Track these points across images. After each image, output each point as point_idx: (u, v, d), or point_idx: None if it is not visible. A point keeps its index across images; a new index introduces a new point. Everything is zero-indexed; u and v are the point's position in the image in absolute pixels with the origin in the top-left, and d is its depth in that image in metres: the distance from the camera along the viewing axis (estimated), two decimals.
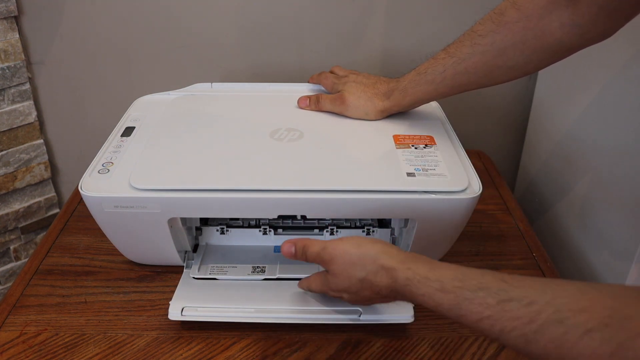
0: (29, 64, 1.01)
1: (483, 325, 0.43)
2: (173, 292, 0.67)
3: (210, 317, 0.64)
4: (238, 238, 0.74)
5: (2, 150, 1.01)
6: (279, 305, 0.64)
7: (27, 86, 1.01)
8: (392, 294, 0.52)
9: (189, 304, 0.64)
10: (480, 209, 0.83)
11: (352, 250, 0.54)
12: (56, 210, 1.13)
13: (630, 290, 0.39)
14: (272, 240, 0.74)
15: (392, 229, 0.73)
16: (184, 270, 0.71)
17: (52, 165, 1.10)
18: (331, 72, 0.84)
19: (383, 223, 0.73)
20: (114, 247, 0.71)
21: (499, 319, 0.42)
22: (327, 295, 0.61)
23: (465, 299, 0.44)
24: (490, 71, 0.66)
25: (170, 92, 0.83)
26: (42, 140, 1.06)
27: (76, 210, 0.84)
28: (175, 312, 0.63)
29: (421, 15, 1.00)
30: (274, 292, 0.66)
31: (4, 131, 1.00)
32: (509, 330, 0.41)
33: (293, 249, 0.59)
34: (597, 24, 0.58)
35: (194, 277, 0.69)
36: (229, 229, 0.73)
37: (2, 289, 1.10)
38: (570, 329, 0.38)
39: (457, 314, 0.45)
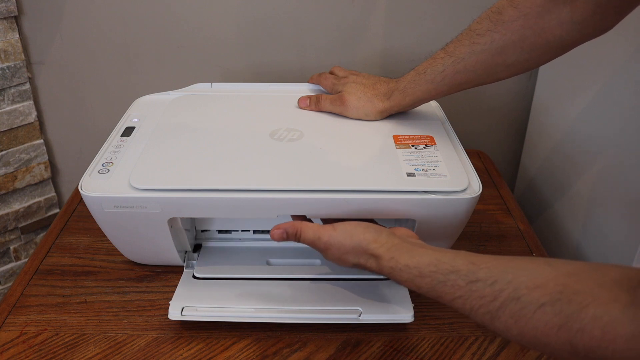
0: (29, 64, 1.01)
1: (456, 304, 0.47)
2: (173, 292, 0.67)
3: (210, 317, 0.64)
4: (238, 240, 0.75)
5: (2, 150, 1.01)
6: (279, 305, 0.64)
7: (27, 86, 1.01)
8: (382, 274, 0.55)
9: (189, 304, 0.64)
10: (480, 209, 0.83)
11: (346, 242, 0.56)
12: (56, 210, 1.13)
13: (585, 266, 0.42)
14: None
15: None
16: (184, 270, 0.71)
17: (52, 165, 1.10)
18: (331, 72, 0.84)
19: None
20: (114, 247, 0.71)
21: (468, 299, 0.46)
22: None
23: (439, 282, 0.49)
24: (490, 69, 0.66)
25: (170, 92, 0.83)
26: (42, 140, 1.06)
27: (76, 210, 0.84)
28: (175, 312, 0.63)
29: (421, 15, 1.00)
30: (274, 292, 0.66)
31: (4, 131, 1.00)
32: (477, 308, 0.45)
33: (285, 235, 0.59)
34: (595, 19, 0.58)
35: (194, 277, 0.69)
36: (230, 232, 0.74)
37: (2, 289, 1.10)
38: (526, 304, 0.42)
39: (434, 295, 0.49)
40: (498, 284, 0.44)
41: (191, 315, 0.63)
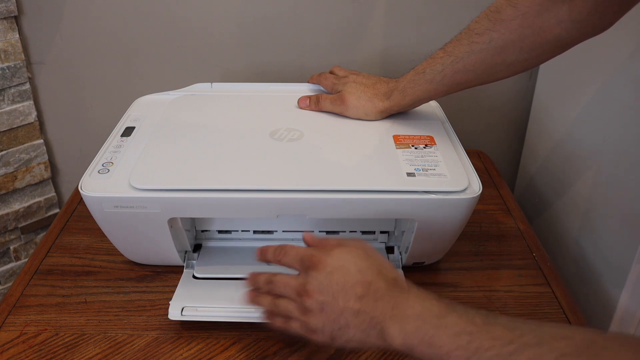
0: (29, 64, 1.01)
1: (460, 340, 0.43)
2: (173, 292, 0.67)
3: (210, 317, 0.64)
4: (238, 240, 0.75)
5: (2, 150, 1.01)
6: None
7: (27, 86, 1.01)
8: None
9: (189, 304, 0.64)
10: (480, 209, 0.83)
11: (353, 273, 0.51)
12: (56, 210, 1.13)
13: (619, 335, 0.40)
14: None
15: (389, 232, 0.74)
16: (184, 270, 0.71)
17: (52, 165, 1.10)
18: (331, 72, 0.84)
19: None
20: (114, 247, 0.71)
21: (478, 337, 0.42)
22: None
23: (454, 310, 0.45)
24: (489, 68, 0.66)
25: (170, 92, 0.83)
26: (42, 140, 1.06)
27: (76, 210, 0.84)
28: (175, 312, 0.63)
29: (421, 15, 1.00)
30: None
31: (4, 131, 1.00)
32: (486, 349, 0.41)
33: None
34: (594, 18, 0.58)
35: (194, 277, 0.69)
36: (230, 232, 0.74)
37: (2, 289, 1.10)
38: (547, 352, 0.39)
39: (438, 323, 0.44)
40: (519, 330, 0.41)
41: (191, 315, 0.63)
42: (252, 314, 0.63)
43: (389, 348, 0.48)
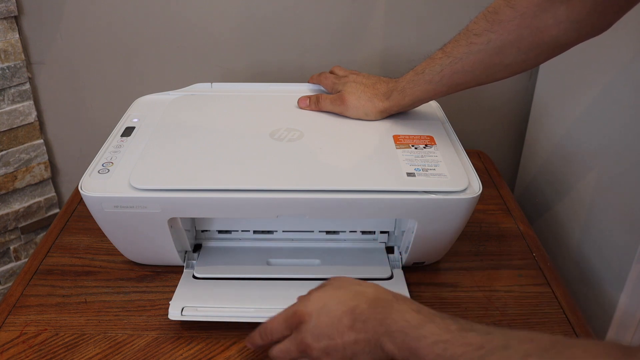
0: (29, 64, 1.01)
1: (437, 349, 0.44)
2: (173, 292, 0.67)
3: (210, 317, 0.64)
4: (238, 240, 0.75)
5: (2, 150, 1.01)
6: (279, 305, 0.64)
7: (27, 86, 1.01)
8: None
9: (189, 304, 0.64)
10: (480, 209, 0.83)
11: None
12: (56, 210, 1.13)
13: (586, 339, 0.41)
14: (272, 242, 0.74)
15: (388, 233, 0.74)
16: (184, 270, 0.71)
17: (52, 165, 1.10)
18: (331, 72, 0.84)
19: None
20: (114, 247, 0.71)
21: (453, 344, 0.44)
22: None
23: (431, 321, 0.46)
24: (488, 69, 0.66)
25: (170, 92, 0.83)
26: (42, 140, 1.06)
27: (76, 210, 0.84)
28: (175, 312, 0.63)
29: (421, 15, 1.00)
30: (274, 292, 0.66)
31: (4, 131, 1.00)
32: (459, 355, 0.43)
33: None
34: (592, 19, 0.58)
35: (194, 277, 0.69)
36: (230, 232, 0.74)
37: (2, 289, 1.10)
38: (513, 354, 0.40)
39: (418, 334, 0.46)
40: (490, 336, 0.43)
41: (191, 315, 0.63)
42: (252, 314, 0.63)
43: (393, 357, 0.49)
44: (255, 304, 0.64)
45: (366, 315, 0.50)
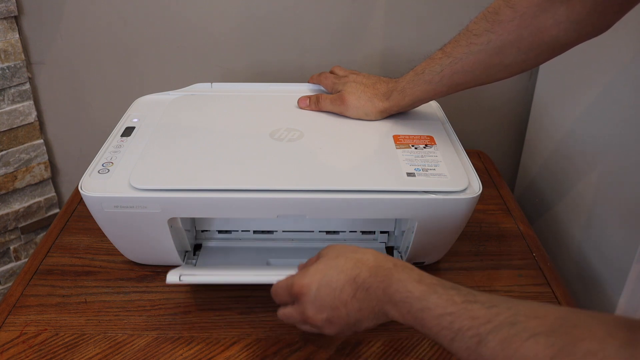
0: (29, 64, 1.01)
1: (443, 321, 0.44)
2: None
3: (209, 280, 0.62)
4: (238, 240, 0.75)
5: (2, 150, 1.01)
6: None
7: (27, 86, 1.01)
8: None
9: (186, 272, 0.62)
10: (480, 209, 0.83)
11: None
12: (56, 210, 1.13)
13: (587, 310, 0.40)
14: (272, 242, 0.74)
15: (389, 233, 0.74)
16: None
17: (52, 165, 1.10)
18: (331, 72, 0.84)
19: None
20: (114, 247, 0.71)
21: (459, 316, 0.43)
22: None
23: (434, 292, 0.46)
24: (488, 69, 0.66)
25: (170, 92, 0.83)
26: (42, 140, 1.06)
27: (76, 210, 0.84)
28: (173, 278, 0.61)
29: (421, 15, 1.00)
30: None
31: (4, 131, 1.00)
32: (465, 330, 0.42)
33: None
34: (592, 19, 0.58)
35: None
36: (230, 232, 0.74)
37: (2, 289, 1.10)
38: (520, 331, 0.40)
39: (422, 306, 0.46)
40: (496, 309, 0.42)
41: (189, 279, 0.61)
42: (250, 278, 0.62)
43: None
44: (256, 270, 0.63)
45: (368, 284, 0.50)
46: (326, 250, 0.55)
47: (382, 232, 0.74)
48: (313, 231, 0.74)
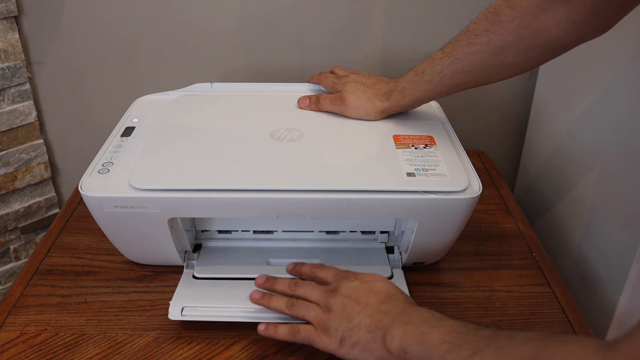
0: (29, 64, 1.01)
1: (449, 337, 0.48)
2: (173, 292, 0.67)
3: (210, 317, 0.64)
4: (238, 240, 0.75)
5: (2, 150, 1.01)
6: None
7: (27, 86, 1.01)
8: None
9: (189, 304, 0.64)
10: (480, 209, 0.83)
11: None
12: (56, 210, 1.13)
13: (561, 339, 0.43)
14: (272, 243, 0.74)
15: (389, 233, 0.74)
16: (184, 270, 0.71)
17: (52, 165, 1.10)
18: (331, 72, 0.84)
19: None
20: (114, 247, 0.71)
21: (467, 337, 0.47)
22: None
23: (454, 319, 0.51)
24: (488, 70, 0.66)
25: (170, 92, 0.83)
26: (42, 140, 1.06)
27: (76, 210, 0.84)
28: (175, 312, 0.63)
29: (421, 15, 1.00)
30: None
31: (4, 131, 1.00)
32: (466, 343, 0.46)
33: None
34: (592, 20, 0.58)
35: (194, 277, 0.69)
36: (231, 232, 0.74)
37: (2, 289, 1.10)
38: (516, 341, 0.44)
39: (437, 324, 0.50)
40: (502, 334, 0.46)
41: (191, 315, 0.63)
42: (252, 314, 0.63)
43: (385, 355, 0.52)
44: (256, 304, 0.64)
45: (398, 305, 0.54)
46: (384, 284, 0.58)
47: (382, 232, 0.74)
48: (313, 231, 0.74)
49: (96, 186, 0.63)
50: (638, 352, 0.36)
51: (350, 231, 0.74)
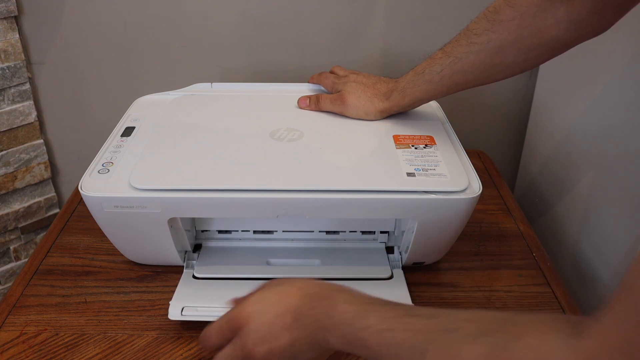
0: (29, 64, 1.01)
1: (384, 338, 0.43)
2: (173, 292, 0.67)
3: (211, 317, 0.63)
4: (238, 240, 0.75)
5: (2, 150, 1.01)
6: None
7: (27, 86, 1.01)
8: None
9: (189, 304, 0.64)
10: (480, 209, 0.83)
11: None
12: (56, 210, 1.13)
13: (537, 313, 0.39)
14: (272, 243, 0.74)
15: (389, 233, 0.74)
16: (184, 270, 0.71)
17: (52, 165, 1.10)
18: (331, 72, 0.84)
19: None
20: (114, 247, 0.71)
21: (400, 331, 0.42)
22: None
23: (375, 310, 0.45)
24: (488, 69, 0.66)
25: (170, 92, 0.83)
26: (42, 140, 1.06)
27: (76, 210, 0.84)
28: (175, 312, 0.63)
29: (421, 15, 1.00)
30: None
31: (4, 131, 1.00)
32: (408, 343, 0.41)
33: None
34: (592, 19, 0.58)
35: (194, 277, 0.69)
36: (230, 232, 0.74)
37: (2, 289, 1.10)
38: (461, 337, 0.39)
39: (363, 325, 0.44)
40: (436, 319, 0.41)
41: (191, 315, 0.63)
42: None
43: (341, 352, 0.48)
44: None
45: (304, 312, 0.48)
46: (268, 281, 0.54)
47: (382, 232, 0.74)
48: (313, 231, 0.74)
49: (96, 186, 0.63)
50: (608, 340, 0.32)
51: (350, 231, 0.74)
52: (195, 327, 0.64)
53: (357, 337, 0.44)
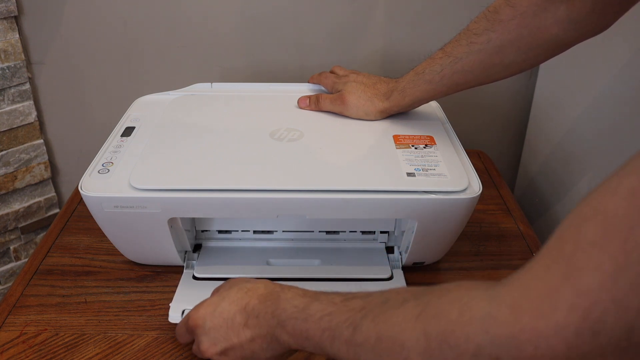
0: (29, 64, 1.01)
1: (323, 323, 0.44)
2: (173, 292, 0.67)
3: None
4: (238, 240, 0.75)
5: (2, 150, 1.01)
6: None
7: (27, 86, 1.01)
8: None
9: (189, 306, 0.64)
10: (480, 209, 0.83)
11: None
12: (56, 210, 1.13)
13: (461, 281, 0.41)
14: (272, 243, 0.74)
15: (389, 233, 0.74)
16: (184, 270, 0.71)
17: (52, 165, 1.10)
18: (331, 71, 0.84)
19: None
20: (114, 247, 0.71)
21: (338, 314, 0.44)
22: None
23: (317, 299, 0.46)
24: (488, 69, 0.66)
25: (170, 92, 0.83)
26: (42, 140, 1.06)
27: (76, 210, 0.84)
28: (175, 315, 0.63)
29: (421, 15, 1.00)
30: None
31: (4, 131, 1.00)
32: (343, 323, 0.43)
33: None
34: (592, 18, 0.58)
35: (194, 277, 0.69)
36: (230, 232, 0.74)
37: (2, 289, 1.10)
38: (391, 305, 0.41)
39: (305, 316, 0.46)
40: (370, 297, 0.43)
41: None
42: None
43: (295, 350, 0.50)
44: None
45: (257, 311, 0.50)
46: (223, 283, 0.56)
47: (382, 232, 0.74)
48: (313, 231, 0.74)
49: (96, 186, 0.63)
50: (532, 287, 0.33)
51: (350, 231, 0.74)
52: None
53: (301, 328, 0.46)
